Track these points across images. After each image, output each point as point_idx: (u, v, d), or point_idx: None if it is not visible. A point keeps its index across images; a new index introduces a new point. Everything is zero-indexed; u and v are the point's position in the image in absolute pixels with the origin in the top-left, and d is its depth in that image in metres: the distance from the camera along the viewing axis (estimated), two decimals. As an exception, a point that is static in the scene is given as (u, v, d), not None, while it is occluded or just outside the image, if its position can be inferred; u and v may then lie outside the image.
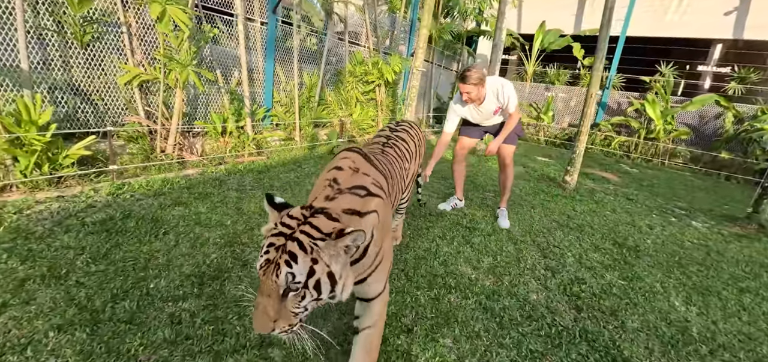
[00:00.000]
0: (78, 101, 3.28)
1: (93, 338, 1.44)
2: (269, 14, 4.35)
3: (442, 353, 1.59)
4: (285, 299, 0.98)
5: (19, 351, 1.34)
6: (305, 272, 0.97)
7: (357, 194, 1.21)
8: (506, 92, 2.80)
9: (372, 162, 1.39)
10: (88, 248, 2.02)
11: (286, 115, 4.68)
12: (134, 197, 2.77)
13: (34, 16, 2.95)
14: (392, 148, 1.84)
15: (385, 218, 1.30)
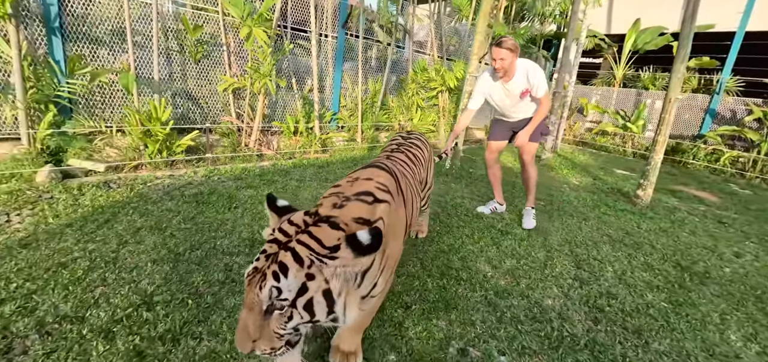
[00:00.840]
0: (189, 104, 4.22)
1: (173, 271, 1.99)
2: (339, 30, 4.91)
3: (432, 330, 1.76)
4: (269, 316, 0.86)
5: (128, 271, 1.95)
6: (295, 289, 0.84)
7: (364, 201, 1.10)
8: (537, 76, 2.72)
9: (372, 165, 1.40)
10: (182, 213, 2.69)
11: (350, 118, 5.19)
12: (220, 179, 3.49)
13: (165, 40, 3.92)
14: (403, 153, 1.88)
15: (392, 222, 1.19)
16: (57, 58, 3.34)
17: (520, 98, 2.84)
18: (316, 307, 0.86)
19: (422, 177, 1.99)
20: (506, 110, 2.99)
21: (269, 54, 4.12)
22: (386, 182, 1.26)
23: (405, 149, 1.93)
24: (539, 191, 4.25)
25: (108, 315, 1.64)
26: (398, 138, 2.10)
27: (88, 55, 3.55)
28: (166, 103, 3.82)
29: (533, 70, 2.74)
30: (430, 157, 2.25)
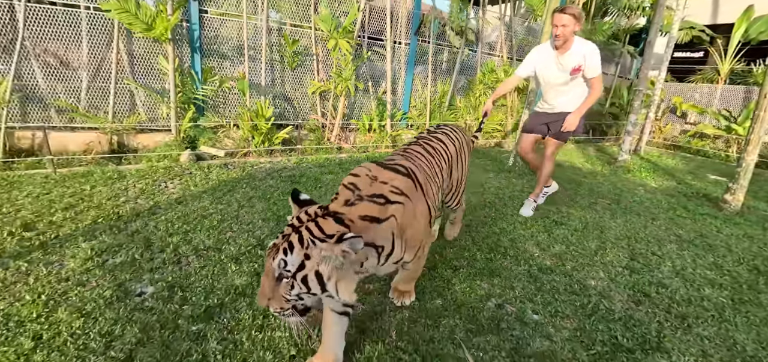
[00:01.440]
0: (285, 104, 5.07)
1: (276, 227, 2.64)
2: (412, 37, 5.38)
3: (474, 288, 2.10)
4: (279, 283, 1.07)
5: (246, 224, 2.65)
6: (296, 264, 1.04)
7: (377, 202, 1.27)
8: (594, 56, 2.69)
9: (389, 168, 1.47)
10: (280, 188, 3.41)
11: (418, 117, 5.62)
12: (308, 166, 4.21)
13: (270, 53, 4.81)
14: (423, 146, 1.92)
15: (406, 218, 1.36)
16: (196, 70, 4.39)
17: (570, 75, 2.78)
18: (310, 283, 1.06)
19: (444, 168, 1.96)
20: (551, 88, 2.93)
21: (350, 61, 4.77)
22: (401, 185, 1.38)
23: (425, 143, 1.97)
24: (607, 191, 4.17)
25: (236, 249, 2.32)
26: (425, 132, 2.16)
27: (216, 67, 4.57)
28: (269, 103, 4.70)
29: (591, 50, 2.71)
30: (461, 149, 2.19)
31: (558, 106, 2.97)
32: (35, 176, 3.28)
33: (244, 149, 4.42)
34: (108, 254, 2.16)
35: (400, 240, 1.34)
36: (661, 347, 1.76)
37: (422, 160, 1.80)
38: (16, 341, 1.46)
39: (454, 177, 2.14)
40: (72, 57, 3.99)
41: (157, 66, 4.25)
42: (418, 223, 1.45)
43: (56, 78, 3.93)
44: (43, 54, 3.86)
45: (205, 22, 4.38)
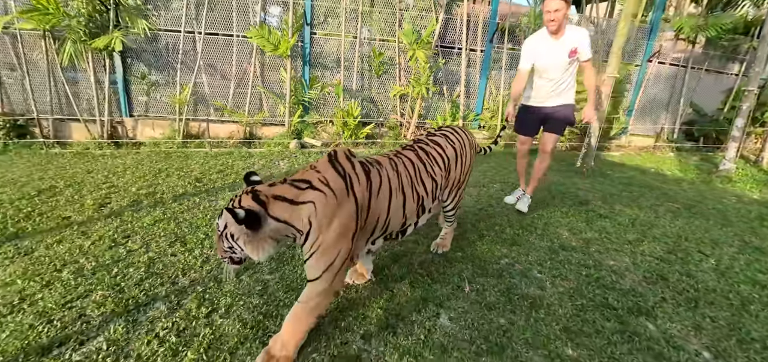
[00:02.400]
0: (371, 105, 6.02)
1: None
2: (487, 44, 5.78)
3: (494, 251, 2.56)
4: (219, 239, 1.42)
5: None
6: (222, 227, 1.39)
7: (297, 186, 1.43)
8: (587, 40, 2.80)
9: (337, 169, 1.50)
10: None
11: (491, 119, 5.96)
12: (384, 157, 5.01)
13: (361, 63, 5.81)
14: (416, 153, 1.94)
15: (329, 214, 1.41)
16: (305, 78, 5.63)
17: (568, 58, 2.84)
18: (227, 240, 1.39)
19: (438, 173, 1.99)
20: (551, 75, 2.94)
21: (427, 68, 5.44)
22: (330, 179, 1.46)
23: (419, 149, 1.99)
24: (683, 197, 3.95)
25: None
26: (425, 135, 2.17)
27: (319, 75, 5.76)
28: (357, 104, 5.69)
29: (583, 34, 2.82)
30: (462, 151, 2.17)
31: (554, 98, 3.02)
32: (200, 152, 4.81)
33: (335, 141, 5.48)
34: (242, 200, 3.28)
35: (315, 236, 1.41)
36: (651, 314, 1.98)
37: (405, 167, 1.81)
38: (196, 236, 2.56)
39: (452, 178, 2.13)
40: (226, 71, 5.59)
41: (278, 76, 5.61)
42: (335, 228, 1.44)
43: (215, 86, 5.57)
44: (209, 69, 5.53)
45: (314, 41, 5.60)
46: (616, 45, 4.33)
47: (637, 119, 6.66)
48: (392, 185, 1.71)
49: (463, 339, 1.70)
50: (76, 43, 4.77)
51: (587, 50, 2.82)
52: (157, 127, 5.60)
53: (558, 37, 2.83)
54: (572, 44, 2.81)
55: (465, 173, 2.24)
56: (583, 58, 2.86)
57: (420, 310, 1.89)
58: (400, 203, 1.75)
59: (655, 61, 6.28)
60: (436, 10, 5.62)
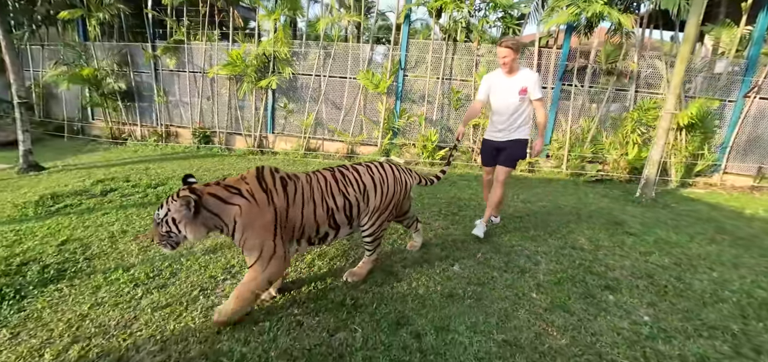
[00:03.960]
0: (447, 133, 7.15)
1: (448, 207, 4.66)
2: (557, 82, 6.41)
3: (513, 243, 3.40)
4: (157, 227, 1.86)
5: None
6: (162, 214, 1.83)
7: (229, 190, 1.91)
8: (536, 80, 3.14)
9: (262, 184, 1.98)
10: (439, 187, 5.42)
11: (558, 149, 6.47)
12: (454, 177, 6.06)
13: (442, 98, 7.03)
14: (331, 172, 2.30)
15: (252, 218, 1.90)
16: (396, 110, 7.10)
17: (518, 94, 3.16)
18: (170, 225, 1.83)
19: (351, 194, 2.26)
20: (504, 110, 3.27)
21: (498, 103, 6.37)
22: (254, 191, 1.94)
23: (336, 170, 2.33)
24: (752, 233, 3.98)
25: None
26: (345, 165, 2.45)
27: (407, 107, 7.16)
28: (436, 132, 6.88)
29: (533, 75, 3.18)
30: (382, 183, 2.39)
31: (506, 133, 3.33)
32: (315, 161, 6.60)
33: (415, 161, 6.75)
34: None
35: (240, 233, 1.90)
36: (616, 290, 2.63)
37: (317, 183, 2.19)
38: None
39: (372, 205, 2.36)
40: (338, 102, 7.44)
41: (376, 107, 7.21)
42: (259, 230, 1.91)
43: (330, 114, 7.45)
44: (327, 101, 7.45)
45: (405, 81, 7.06)
46: (674, 83, 4.61)
47: (737, 158, 6.28)
48: (305, 196, 2.10)
49: (463, 277, 2.71)
50: (249, 83, 7.14)
51: (536, 91, 3.16)
52: (288, 142, 7.72)
53: (511, 77, 3.21)
54: (522, 83, 3.16)
55: (386, 204, 2.41)
56: (533, 97, 3.19)
57: (442, 261, 2.95)
58: (312, 211, 2.12)
59: (756, 97, 5.95)
60: (510, 55, 6.53)
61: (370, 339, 1.99)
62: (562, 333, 2.11)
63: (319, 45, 7.18)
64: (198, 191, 1.85)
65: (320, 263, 2.84)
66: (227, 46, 7.62)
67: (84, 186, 4.78)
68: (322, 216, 2.17)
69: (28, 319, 2.13)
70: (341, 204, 2.24)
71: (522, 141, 3.35)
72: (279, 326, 2.06)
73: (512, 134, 3.33)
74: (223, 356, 1.83)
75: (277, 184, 2.02)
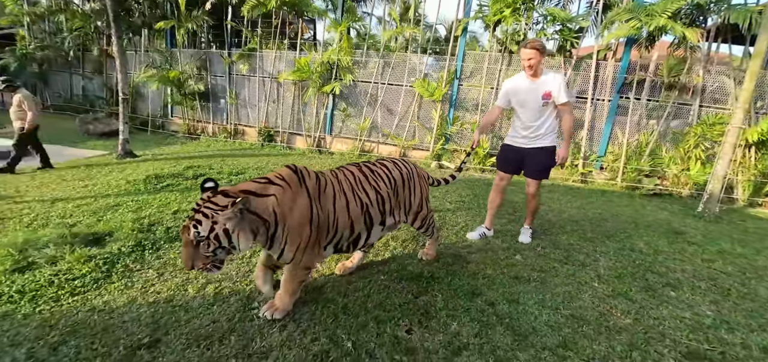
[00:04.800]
0: (498, 141, 7.33)
1: (453, 199, 4.94)
2: (615, 94, 6.42)
3: (570, 239, 3.58)
4: (197, 247, 1.55)
5: (436, 197, 5.11)
6: (207, 229, 1.53)
7: (259, 183, 1.75)
8: (563, 84, 2.95)
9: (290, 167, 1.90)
10: (481, 187, 5.67)
11: (613, 162, 6.44)
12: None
13: (494, 106, 7.25)
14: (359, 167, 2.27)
15: (286, 201, 1.77)
16: (449, 117, 7.43)
17: (541, 99, 2.98)
18: (221, 239, 1.56)
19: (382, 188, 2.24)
20: (526, 116, 3.10)
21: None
22: (286, 175, 1.84)
23: (363, 165, 2.33)
24: None
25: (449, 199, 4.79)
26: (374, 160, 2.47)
27: (460, 115, 7.46)
28: (487, 139, 7.10)
29: (558, 78, 2.98)
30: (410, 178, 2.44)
31: (531, 140, 3.15)
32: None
33: (467, 166, 7.02)
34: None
35: (282, 225, 1.76)
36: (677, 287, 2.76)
37: (345, 177, 2.14)
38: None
39: (401, 199, 2.38)
40: (393, 108, 7.90)
41: (429, 114, 7.58)
42: (296, 214, 1.80)
43: (385, 118, 7.92)
44: (383, 107, 7.93)
45: (460, 90, 7.38)
46: (743, 98, 4.54)
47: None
48: (335, 188, 2.03)
49: (526, 265, 2.96)
50: (313, 88, 7.80)
51: (562, 94, 2.94)
52: (344, 143, 8.28)
53: (534, 80, 3.01)
54: (547, 87, 2.96)
55: (418, 198, 2.49)
56: (558, 102, 2.98)
57: (504, 251, 3.22)
58: (344, 205, 2.03)
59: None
60: (565, 67, 6.65)
61: (450, 302, 2.33)
62: (625, 314, 2.32)
63: (379, 55, 7.71)
64: (231, 193, 1.64)
65: (394, 243, 3.22)
66: (294, 54, 8.37)
67: (177, 170, 5.55)
68: (356, 212, 2.08)
69: (167, 265, 2.69)
70: (374, 198, 2.19)
71: (548, 149, 3.14)
72: (371, 287, 2.45)
73: (536, 142, 3.13)
74: (330, 303, 2.25)
75: (309, 170, 1.98)
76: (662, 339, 2.09)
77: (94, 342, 1.84)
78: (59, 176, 5.06)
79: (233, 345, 1.84)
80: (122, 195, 4.30)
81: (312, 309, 2.17)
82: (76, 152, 6.98)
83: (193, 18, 8.73)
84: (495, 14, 6.57)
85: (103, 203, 3.94)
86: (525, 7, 6.46)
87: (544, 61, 3.06)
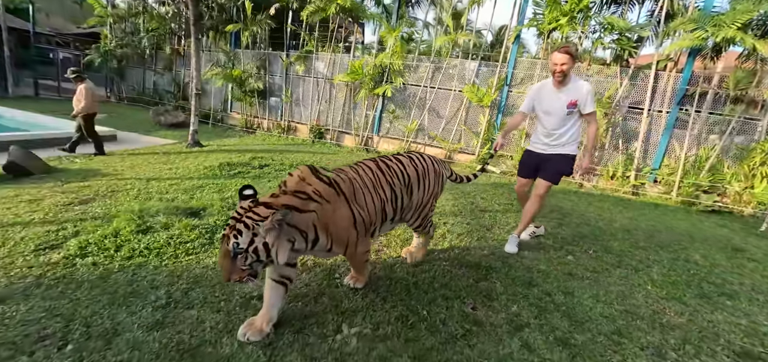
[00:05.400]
0: (547, 149, 7.36)
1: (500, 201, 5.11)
2: (674, 106, 6.26)
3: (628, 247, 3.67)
4: (235, 259, 1.50)
5: (496, 199, 5.28)
6: (247, 241, 1.49)
7: (299, 197, 1.71)
8: (590, 94, 2.89)
9: (319, 176, 1.85)
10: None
11: (669, 175, 6.27)
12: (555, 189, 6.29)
13: (543, 114, 7.28)
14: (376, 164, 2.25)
15: (326, 215, 1.77)
16: (497, 122, 7.56)
17: (566, 108, 2.92)
18: (260, 253, 1.52)
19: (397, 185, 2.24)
20: (549, 123, 3.05)
21: (603, 123, 6.44)
22: (321, 190, 1.80)
23: (380, 161, 2.30)
24: None
25: (489, 207, 4.98)
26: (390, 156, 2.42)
27: (508, 121, 7.55)
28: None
29: (585, 86, 2.91)
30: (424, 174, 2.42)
31: (552, 147, 3.12)
32: (420, 162, 7.37)
33: (512, 172, 7.12)
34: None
35: (324, 233, 1.78)
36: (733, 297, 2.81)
37: (366, 173, 2.14)
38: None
39: (415, 199, 2.39)
40: (441, 111, 8.14)
41: (477, 119, 7.75)
42: (339, 222, 1.84)
43: (431, 121, 8.19)
44: (431, 110, 8.20)
45: (509, 96, 7.49)
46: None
47: None
48: (359, 184, 2.05)
49: (579, 264, 3.11)
50: (366, 90, 8.23)
51: (589, 104, 2.89)
52: (391, 143, 8.64)
53: (561, 88, 2.94)
54: (573, 96, 2.90)
55: (428, 195, 2.47)
56: (584, 111, 2.94)
57: (557, 250, 3.39)
58: (370, 200, 2.05)
59: None
60: (621, 77, 6.57)
61: (509, 289, 2.57)
62: (678, 315, 2.44)
63: (430, 59, 8.00)
64: (273, 206, 1.61)
65: (451, 236, 3.50)
66: (348, 57, 8.87)
67: (245, 160, 6.15)
68: (377, 207, 2.10)
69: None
70: (389, 195, 2.18)
71: (569, 156, 3.10)
72: (435, 270, 2.75)
73: (557, 149, 3.09)
74: (402, 280, 2.57)
75: (342, 177, 1.98)
76: (716, 339, 2.20)
77: (214, 291, 2.28)
78: (145, 160, 5.81)
79: (326, 304, 2.21)
80: (203, 178, 4.90)
81: (386, 284, 2.50)
82: (151, 139, 7.88)
83: (257, 22, 9.49)
84: (550, 23, 6.63)
85: (189, 184, 4.54)
86: (582, 15, 6.47)
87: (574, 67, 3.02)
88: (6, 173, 4.31)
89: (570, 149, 3.08)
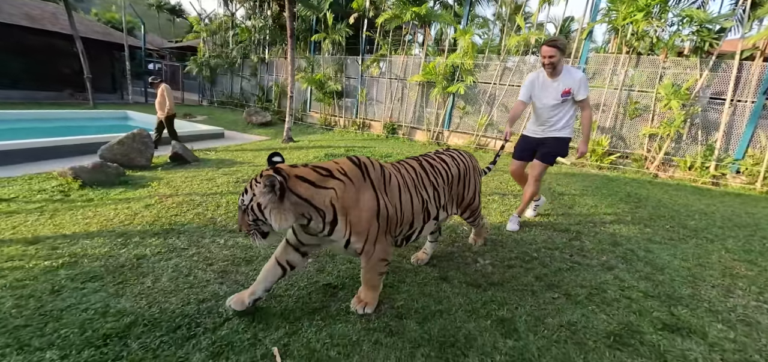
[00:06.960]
0: (618, 141, 7.59)
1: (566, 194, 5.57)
2: (759, 95, 6.24)
3: (703, 225, 4.07)
4: (244, 214, 1.65)
5: (564, 193, 5.78)
6: (247, 200, 1.64)
7: (319, 172, 1.72)
8: (584, 83, 3.08)
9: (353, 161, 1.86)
10: (598, 183, 6.19)
11: (753, 166, 6.26)
12: (624, 179, 6.59)
13: (617, 108, 7.52)
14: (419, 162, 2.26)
15: (347, 197, 1.73)
16: (566, 115, 7.93)
17: (560, 97, 3.12)
18: (254, 211, 1.63)
19: (440, 183, 2.26)
20: (544, 110, 3.25)
21: (681, 114, 6.58)
22: (346, 168, 1.79)
23: (423, 159, 2.32)
24: None
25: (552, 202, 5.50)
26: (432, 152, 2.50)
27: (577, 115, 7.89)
28: (607, 138, 7.44)
29: (581, 78, 3.11)
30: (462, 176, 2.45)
31: (547, 131, 3.32)
32: (483, 156, 7.97)
33: (582, 163, 7.48)
34: (527, 175, 6.00)
35: (343, 218, 1.74)
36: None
37: (408, 172, 2.12)
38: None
39: (455, 192, 2.42)
40: (510, 107, 8.67)
41: (546, 112, 8.17)
42: (362, 208, 1.77)
43: (500, 116, 8.75)
44: (500, 106, 8.76)
45: (578, 90, 7.83)
46: None
47: None
48: (400, 183, 2.00)
49: (656, 234, 3.64)
50: (439, 88, 9.02)
51: (582, 91, 3.09)
52: (461, 138, 9.33)
53: (555, 77, 3.15)
54: (566, 85, 3.10)
55: (472, 192, 2.58)
56: (578, 98, 3.13)
57: (635, 225, 3.92)
58: (408, 200, 2.02)
59: None
60: (701, 68, 6.65)
61: (598, 246, 3.23)
62: (748, 270, 2.94)
63: (500, 59, 8.57)
64: (284, 172, 1.64)
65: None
66: (421, 58, 9.70)
67: (340, 153, 7.25)
68: (415, 208, 2.07)
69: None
70: (432, 195, 2.20)
71: (564, 139, 3.31)
72: (534, 232, 3.48)
73: (554, 132, 3.30)
74: (508, 236, 3.34)
75: (372, 161, 1.93)
76: (783, 287, 2.70)
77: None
78: (257, 153, 7.07)
79: (463, 246, 3.05)
80: (316, 167, 6.02)
81: (498, 237, 3.29)
82: (249, 136, 9.32)
83: (337, 30, 10.70)
84: (625, 18, 6.88)
85: (310, 170, 5.66)
86: (660, 9, 6.65)
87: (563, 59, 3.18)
88: (172, 161, 5.64)
89: (565, 132, 3.30)
